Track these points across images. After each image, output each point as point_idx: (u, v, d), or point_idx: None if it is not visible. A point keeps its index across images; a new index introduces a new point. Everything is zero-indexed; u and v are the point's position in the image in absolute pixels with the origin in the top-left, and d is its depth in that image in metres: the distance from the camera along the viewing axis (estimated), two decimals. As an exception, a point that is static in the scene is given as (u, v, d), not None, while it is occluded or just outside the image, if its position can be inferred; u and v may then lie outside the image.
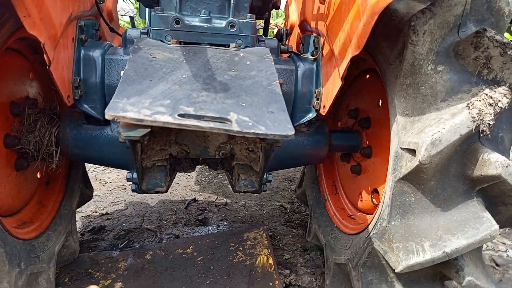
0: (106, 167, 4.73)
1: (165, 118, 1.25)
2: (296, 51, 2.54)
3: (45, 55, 1.69)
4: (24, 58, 2.28)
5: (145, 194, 4.00)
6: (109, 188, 4.20)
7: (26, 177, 2.38)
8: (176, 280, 2.51)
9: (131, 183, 2.21)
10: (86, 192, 3.02)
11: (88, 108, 2.08)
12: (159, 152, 2.00)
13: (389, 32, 1.84)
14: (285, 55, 2.53)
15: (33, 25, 1.52)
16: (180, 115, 1.29)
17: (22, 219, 2.32)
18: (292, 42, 2.90)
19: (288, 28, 2.85)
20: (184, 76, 1.60)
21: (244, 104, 1.47)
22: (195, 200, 4.02)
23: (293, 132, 1.34)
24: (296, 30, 2.67)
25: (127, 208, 3.74)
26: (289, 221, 3.59)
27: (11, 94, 2.17)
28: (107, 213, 3.62)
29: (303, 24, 2.51)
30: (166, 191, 2.17)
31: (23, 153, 2.22)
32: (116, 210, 3.70)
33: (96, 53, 2.08)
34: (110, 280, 2.54)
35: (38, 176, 2.52)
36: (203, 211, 3.79)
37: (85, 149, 2.21)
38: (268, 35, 3.08)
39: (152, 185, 2.07)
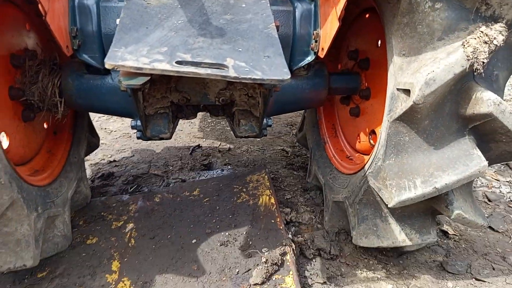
0: (110, 116, 4.81)
1: (163, 65, 1.28)
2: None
3: (40, 6, 1.69)
4: (19, 9, 2.25)
5: (150, 142, 4.12)
6: (115, 136, 4.30)
7: (34, 128, 2.46)
8: (184, 220, 2.67)
9: (136, 130, 2.29)
10: (92, 141, 3.12)
11: (88, 58, 2.10)
12: (160, 99, 2.05)
13: None
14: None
15: (24, -26, 1.51)
16: (178, 62, 1.32)
17: (34, 168, 2.43)
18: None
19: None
20: (179, 22, 1.60)
21: (240, 49, 1.49)
22: (199, 146, 4.12)
23: (289, 76, 1.37)
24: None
25: (133, 155, 3.86)
26: (290, 164, 3.70)
27: (10, 46, 2.18)
28: (114, 161, 3.74)
29: (301, -38, 2.42)
30: (170, 138, 2.24)
31: (28, 105, 2.28)
32: (123, 157, 3.83)
33: (91, 1, 2.05)
34: (122, 222, 2.70)
35: (45, 126, 2.60)
36: (207, 156, 3.90)
37: (89, 99, 2.26)
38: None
39: (156, 132, 2.14)
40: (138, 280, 2.19)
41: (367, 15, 2.50)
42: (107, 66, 1.27)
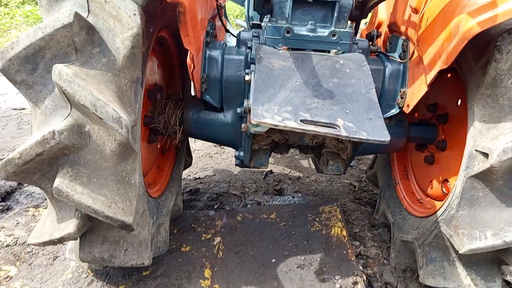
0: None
1: (292, 124, 1.68)
2: (383, 49, 2.82)
3: (192, 63, 2.17)
4: (154, 51, 2.80)
5: (228, 163, 4.59)
6: (198, 155, 4.81)
7: (152, 148, 2.98)
8: (264, 240, 3.03)
9: (236, 159, 2.72)
10: (188, 160, 3.63)
11: (209, 99, 2.57)
12: (265, 138, 2.46)
13: (476, 44, 2.03)
14: (373, 54, 2.82)
15: (188, 43, 2.00)
16: (301, 121, 1.71)
17: (148, 181, 2.93)
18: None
19: (375, 26, 3.10)
20: (297, 83, 2.00)
21: (347, 111, 1.85)
22: (271, 172, 4.51)
23: (389, 138, 1.71)
24: (384, 29, 2.93)
25: (215, 174, 4.33)
26: (358, 199, 3.96)
27: (147, 82, 2.71)
28: (199, 178, 4.23)
29: (392, 25, 2.75)
30: (267, 168, 2.65)
31: (154, 130, 2.80)
32: (206, 175, 4.31)
33: (217, 53, 2.53)
34: (210, 235, 3.12)
35: (158, 146, 3.12)
36: (279, 182, 4.27)
37: (203, 130, 2.73)
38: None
39: (258, 164, 2.55)
40: (228, 288, 2.57)
41: (449, 75, 2.76)
42: (253, 122, 1.68)
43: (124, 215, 2.04)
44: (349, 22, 2.42)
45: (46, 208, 2.38)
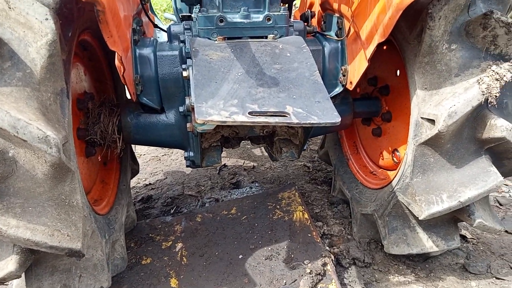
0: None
1: (241, 117, 1.58)
2: (318, 29, 2.79)
3: (121, 65, 1.98)
4: (78, 56, 2.55)
5: (179, 164, 4.42)
6: (145, 160, 4.58)
7: (92, 162, 2.74)
8: (227, 237, 2.94)
9: (187, 160, 2.58)
10: (134, 168, 3.40)
11: (147, 101, 2.39)
12: (214, 135, 2.34)
13: (408, 14, 2.01)
14: (309, 35, 2.78)
15: (114, 43, 1.81)
16: (250, 113, 1.62)
17: (93, 198, 2.71)
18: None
19: (308, 6, 3.06)
20: (239, 73, 1.90)
21: (295, 97, 1.78)
22: (225, 165, 4.40)
23: (340, 119, 1.67)
24: (317, 8, 2.90)
25: (166, 178, 4.14)
26: (313, 179, 3.98)
27: (75, 92, 2.47)
28: (150, 184, 4.02)
29: (325, 4, 2.72)
30: (220, 163, 2.54)
31: (91, 142, 2.57)
32: (157, 180, 4.11)
33: (148, 51, 2.35)
34: (171, 242, 2.97)
35: (99, 158, 2.89)
36: (234, 175, 4.18)
37: (145, 134, 2.55)
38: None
39: (211, 162, 2.43)
40: (197, 295, 2.46)
41: (384, 47, 2.80)
42: (199, 121, 1.55)
43: (70, 242, 1.85)
44: (281, 4, 2.35)
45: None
